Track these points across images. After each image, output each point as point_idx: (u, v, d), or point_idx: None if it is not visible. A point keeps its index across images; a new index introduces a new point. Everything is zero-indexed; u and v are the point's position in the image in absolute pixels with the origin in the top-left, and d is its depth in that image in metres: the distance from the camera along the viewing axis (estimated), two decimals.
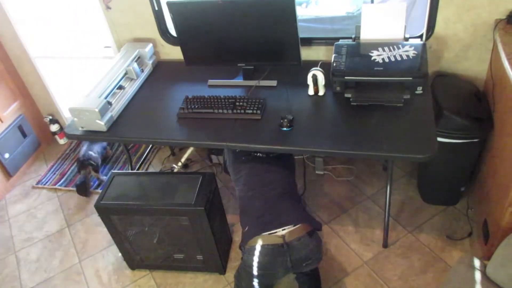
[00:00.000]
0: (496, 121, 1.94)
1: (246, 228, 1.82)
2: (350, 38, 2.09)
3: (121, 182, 2.04)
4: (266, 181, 1.93)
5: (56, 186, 2.86)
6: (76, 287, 2.25)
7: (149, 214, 1.95)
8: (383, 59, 1.89)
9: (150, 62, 2.41)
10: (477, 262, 1.60)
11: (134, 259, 2.20)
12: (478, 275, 1.55)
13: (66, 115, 3.25)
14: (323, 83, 1.99)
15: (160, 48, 2.53)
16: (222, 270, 2.15)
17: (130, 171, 2.09)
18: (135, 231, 2.05)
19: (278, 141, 1.82)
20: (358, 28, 2.05)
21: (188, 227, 1.94)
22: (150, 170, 2.88)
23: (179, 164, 2.78)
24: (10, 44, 2.85)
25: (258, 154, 2.02)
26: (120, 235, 2.07)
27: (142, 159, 2.85)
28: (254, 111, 1.94)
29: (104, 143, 2.91)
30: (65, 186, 2.85)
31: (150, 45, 2.41)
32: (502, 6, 1.90)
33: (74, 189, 2.79)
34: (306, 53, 2.27)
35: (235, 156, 2.08)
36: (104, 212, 1.97)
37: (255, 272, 1.72)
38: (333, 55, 1.98)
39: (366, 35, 2.04)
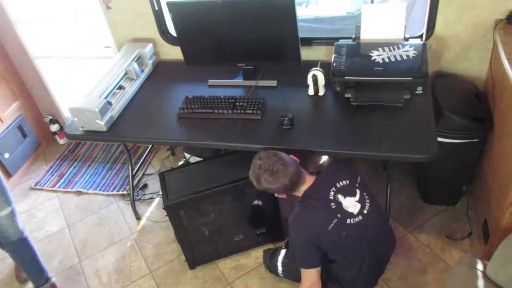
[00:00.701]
0: (496, 121, 1.94)
1: None
2: (350, 38, 2.09)
3: (173, 178, 2.06)
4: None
5: (55, 188, 2.86)
6: (76, 287, 2.25)
7: (219, 195, 1.98)
8: (383, 59, 1.89)
9: (150, 62, 2.41)
10: (477, 262, 1.60)
11: (195, 256, 2.20)
12: (478, 275, 1.55)
13: (66, 115, 3.25)
14: (323, 83, 1.99)
15: (160, 48, 2.53)
16: (282, 237, 2.23)
17: (175, 167, 2.17)
18: (202, 221, 2.09)
19: (279, 141, 1.82)
20: (358, 28, 2.04)
21: (256, 201, 2.03)
22: (150, 170, 2.88)
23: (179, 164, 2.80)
24: (10, 44, 2.85)
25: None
26: (186, 232, 2.08)
27: (142, 159, 2.85)
28: (254, 111, 1.94)
29: None
30: (63, 188, 2.85)
31: (150, 45, 2.41)
32: (502, 6, 1.90)
33: (73, 190, 2.79)
34: (306, 53, 2.27)
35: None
36: (174, 209, 1.97)
37: None
38: (333, 55, 1.98)
39: (366, 35, 2.04)
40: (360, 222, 1.61)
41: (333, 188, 1.63)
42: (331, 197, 1.61)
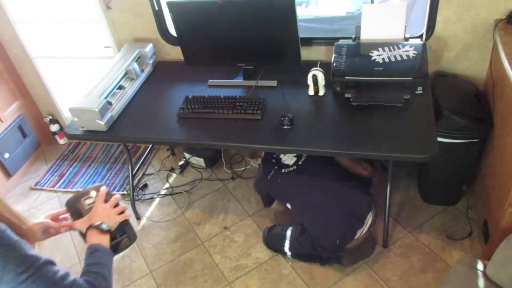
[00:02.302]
0: (496, 121, 1.94)
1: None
2: (350, 38, 2.09)
3: None
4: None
5: (55, 188, 2.86)
6: None
7: None
8: (383, 59, 1.89)
9: (150, 62, 2.41)
10: (477, 262, 1.61)
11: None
12: (478, 275, 1.55)
13: (66, 115, 3.25)
14: (323, 83, 1.99)
15: (160, 48, 2.53)
16: None
17: None
18: None
19: (279, 141, 1.82)
20: (358, 28, 2.05)
21: None
22: (150, 170, 2.88)
23: (178, 167, 2.82)
24: (10, 44, 2.85)
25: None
26: None
27: (142, 159, 2.85)
28: (254, 111, 1.94)
29: None
30: (63, 188, 2.85)
31: (150, 45, 2.41)
32: (502, 6, 1.90)
33: (73, 190, 2.80)
34: (306, 53, 2.27)
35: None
36: None
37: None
38: (333, 55, 1.98)
39: (366, 35, 2.04)
40: (294, 171, 2.09)
41: None
42: (274, 155, 2.19)
